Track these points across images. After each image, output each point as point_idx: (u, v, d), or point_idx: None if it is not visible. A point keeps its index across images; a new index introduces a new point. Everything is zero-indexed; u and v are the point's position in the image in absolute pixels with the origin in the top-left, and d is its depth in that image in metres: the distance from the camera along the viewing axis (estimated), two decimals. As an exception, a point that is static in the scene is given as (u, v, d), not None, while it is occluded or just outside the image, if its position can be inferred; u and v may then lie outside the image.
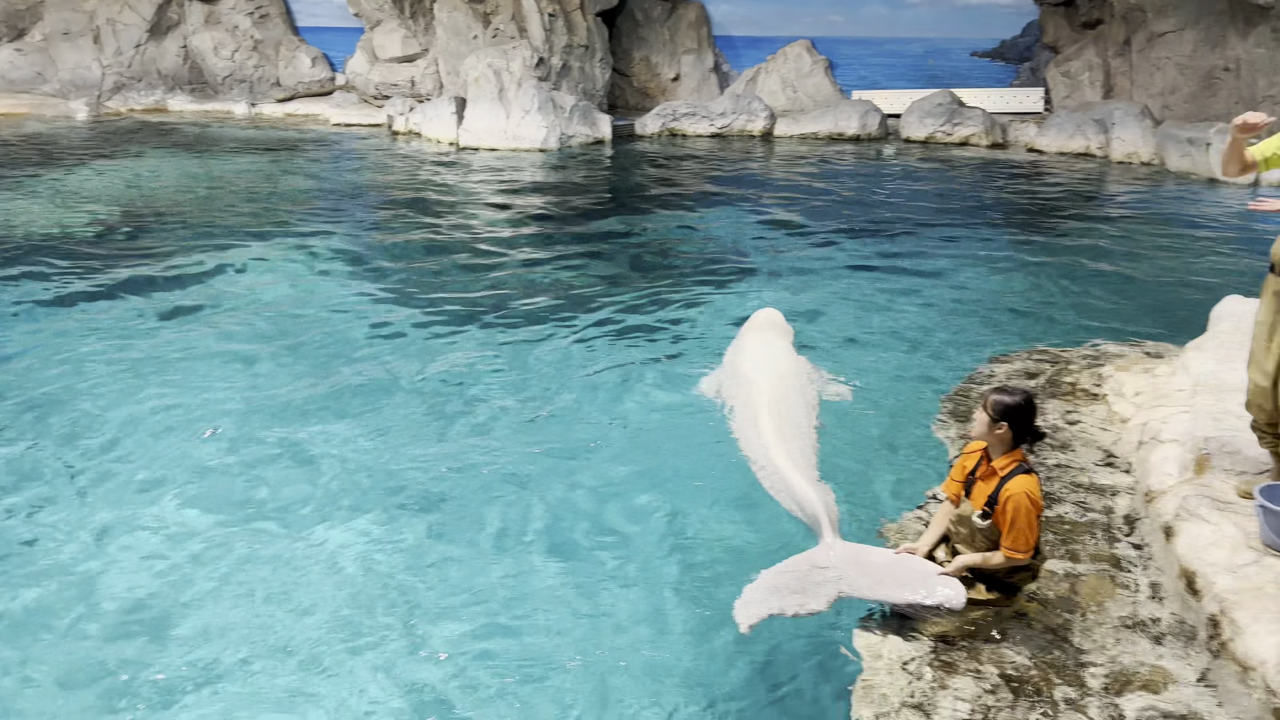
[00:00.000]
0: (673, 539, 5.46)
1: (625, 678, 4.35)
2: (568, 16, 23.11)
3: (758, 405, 6.22)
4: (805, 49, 25.57)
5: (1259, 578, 4.14)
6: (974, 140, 22.31)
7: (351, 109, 26.21)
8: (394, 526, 5.58)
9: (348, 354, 8.31)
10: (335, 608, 4.81)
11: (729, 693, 4.28)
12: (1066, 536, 5.03)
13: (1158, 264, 11.93)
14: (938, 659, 4.06)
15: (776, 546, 5.20)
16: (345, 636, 4.60)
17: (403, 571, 5.15)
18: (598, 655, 4.49)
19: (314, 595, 4.91)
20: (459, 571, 5.16)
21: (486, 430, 6.84)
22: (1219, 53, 20.67)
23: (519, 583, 5.06)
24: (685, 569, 5.17)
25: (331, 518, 5.66)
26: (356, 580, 5.05)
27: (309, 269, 11.15)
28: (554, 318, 9.37)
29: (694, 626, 4.70)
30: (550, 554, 5.33)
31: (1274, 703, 3.51)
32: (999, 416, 4.14)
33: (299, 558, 5.24)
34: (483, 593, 4.97)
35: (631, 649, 4.53)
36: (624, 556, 5.30)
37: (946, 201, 15.92)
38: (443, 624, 4.71)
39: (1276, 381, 4.54)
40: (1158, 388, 6.51)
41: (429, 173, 18.20)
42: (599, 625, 4.71)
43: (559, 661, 4.45)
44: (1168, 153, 19.14)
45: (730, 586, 4.88)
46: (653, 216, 14.56)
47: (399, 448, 6.53)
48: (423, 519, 5.66)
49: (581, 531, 5.56)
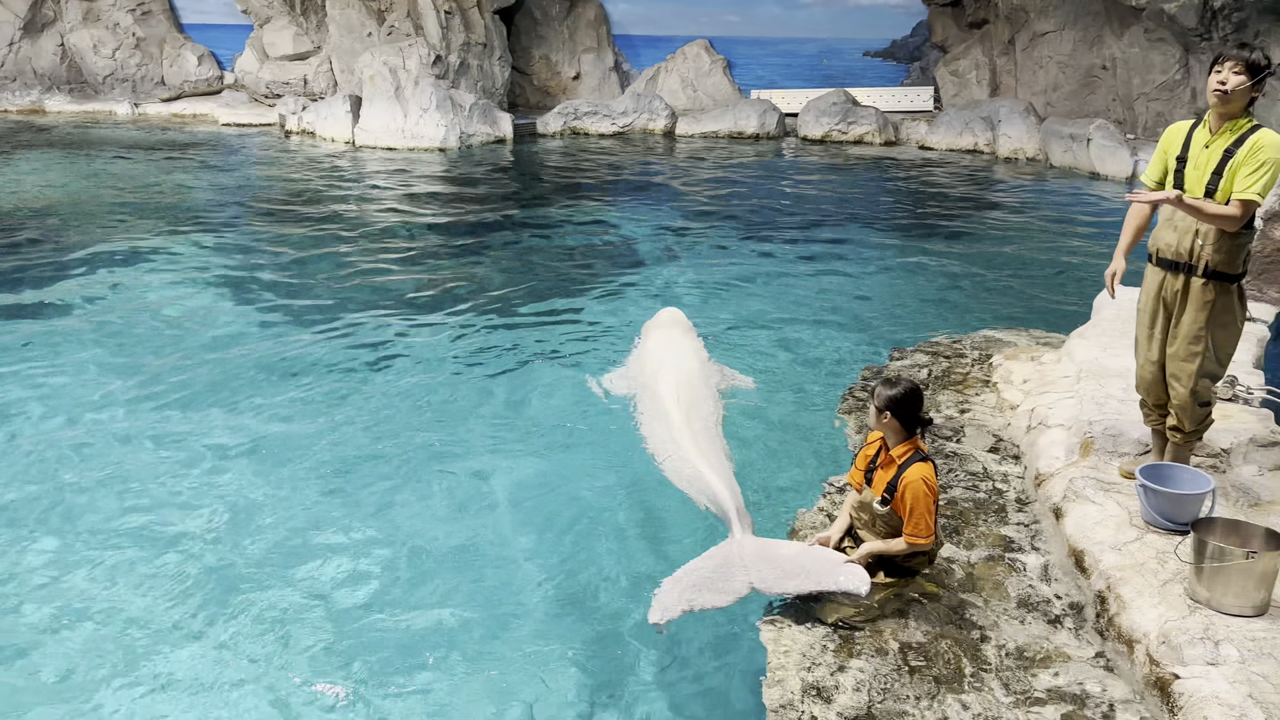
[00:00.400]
0: (579, 538, 5.44)
1: (532, 677, 4.32)
2: (465, 14, 22.85)
3: (667, 402, 6.27)
4: (704, 48, 25.80)
5: (1142, 554, 4.34)
6: (868, 138, 22.82)
7: (241, 108, 25.44)
8: (282, 536, 5.43)
9: (237, 358, 8.06)
10: (219, 606, 4.67)
11: (638, 690, 4.28)
12: (962, 520, 5.19)
13: (1044, 256, 12.39)
14: (841, 644, 4.15)
15: (688, 543, 5.24)
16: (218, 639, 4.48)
17: (293, 582, 5.02)
18: (503, 655, 4.45)
19: (201, 596, 4.75)
20: (357, 577, 5.05)
21: (383, 433, 6.71)
22: (1096, 52, 21.57)
23: (417, 583, 4.99)
24: (594, 568, 5.17)
25: (220, 513, 5.50)
26: (244, 589, 4.91)
27: (197, 272, 10.79)
28: (454, 319, 9.25)
29: (604, 625, 4.70)
30: (452, 557, 5.26)
31: (1157, 673, 3.68)
32: (884, 408, 4.29)
33: (184, 562, 5.07)
34: (381, 593, 4.88)
35: (539, 649, 4.50)
36: (530, 556, 5.26)
37: (844, 199, 16.25)
38: (335, 625, 4.61)
39: (1163, 365, 4.76)
40: (1044, 375, 6.76)
41: (324, 173, 17.79)
42: (504, 625, 4.67)
43: (465, 663, 4.39)
44: (1051, 148, 19.88)
45: (641, 584, 4.90)
46: (556, 215, 14.51)
47: (286, 456, 6.35)
48: (318, 526, 5.53)
49: (484, 533, 5.50)
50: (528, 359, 8.18)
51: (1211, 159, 4.41)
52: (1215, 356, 4.62)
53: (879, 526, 4.42)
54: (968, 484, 5.62)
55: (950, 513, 5.24)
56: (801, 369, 7.99)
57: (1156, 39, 19.92)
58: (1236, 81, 4.32)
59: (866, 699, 3.82)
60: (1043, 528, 5.09)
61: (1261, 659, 3.57)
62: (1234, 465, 5.21)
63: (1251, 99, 4.39)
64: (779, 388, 7.48)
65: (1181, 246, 4.54)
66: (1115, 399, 5.77)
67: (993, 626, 4.29)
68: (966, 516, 5.24)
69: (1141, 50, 20.31)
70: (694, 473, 5.43)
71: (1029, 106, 21.54)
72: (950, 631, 4.23)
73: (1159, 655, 3.71)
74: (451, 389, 7.51)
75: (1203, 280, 4.50)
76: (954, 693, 3.87)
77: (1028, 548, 4.94)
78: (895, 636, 4.19)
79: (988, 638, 4.21)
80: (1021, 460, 5.89)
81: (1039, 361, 7.19)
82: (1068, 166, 19.20)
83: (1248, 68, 4.31)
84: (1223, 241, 4.42)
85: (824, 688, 3.88)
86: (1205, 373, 4.62)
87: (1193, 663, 3.60)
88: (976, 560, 4.81)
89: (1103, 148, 18.50)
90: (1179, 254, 4.56)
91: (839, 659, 4.05)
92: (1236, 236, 4.42)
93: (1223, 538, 3.98)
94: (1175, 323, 4.66)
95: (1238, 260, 4.48)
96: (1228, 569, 3.80)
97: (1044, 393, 6.29)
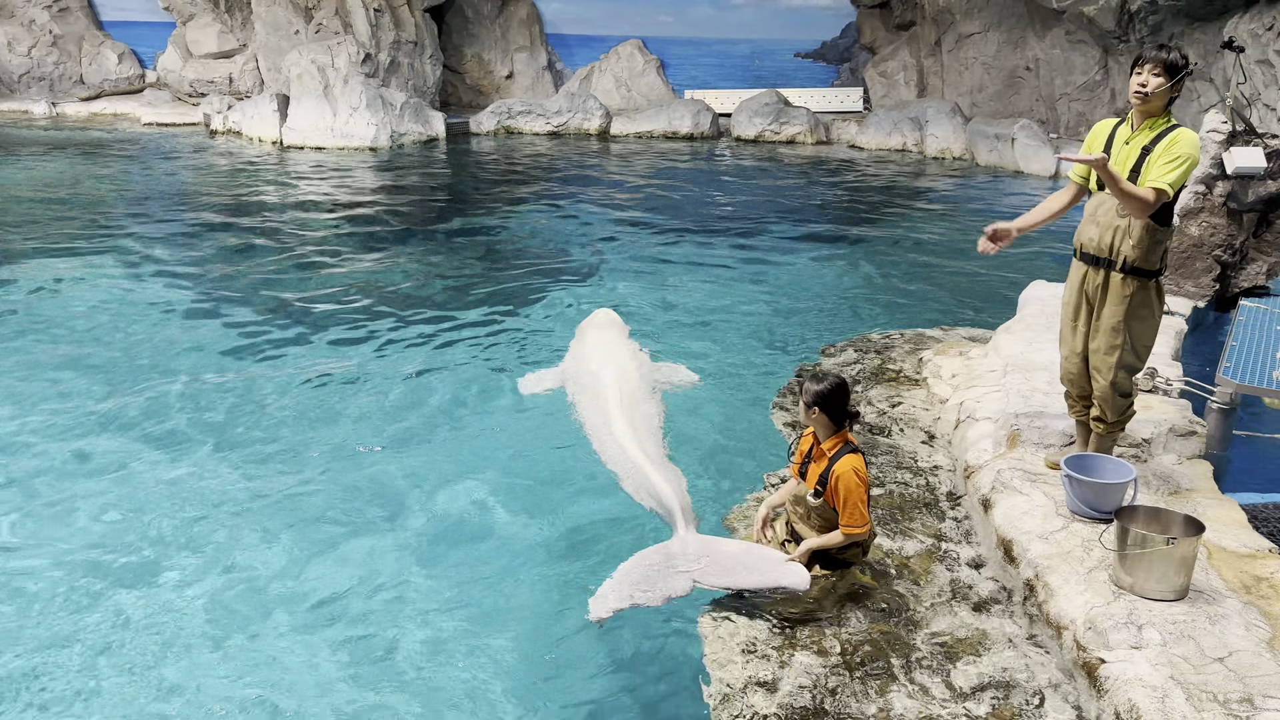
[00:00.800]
0: (520, 540, 5.41)
1: (472, 680, 4.29)
2: (394, 12, 22.57)
3: (609, 402, 6.27)
4: (637, 48, 25.84)
5: (1067, 543, 4.45)
6: (800, 138, 23.06)
7: (165, 107, 24.82)
8: (216, 547, 5.31)
9: (162, 367, 7.86)
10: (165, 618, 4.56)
11: (580, 688, 4.28)
12: (895, 513, 5.28)
13: (972, 253, 12.61)
14: (781, 638, 4.18)
15: (630, 541, 5.24)
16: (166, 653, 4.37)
17: (235, 591, 4.92)
18: (444, 660, 4.41)
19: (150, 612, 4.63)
20: (298, 580, 4.96)
21: (317, 441, 6.60)
22: (1020, 53, 22.09)
23: (361, 589, 4.92)
24: (535, 568, 5.14)
25: (123, 519, 5.36)
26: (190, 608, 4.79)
27: (120, 278, 10.49)
28: (384, 322, 9.13)
29: (545, 623, 4.68)
30: (395, 560, 5.19)
31: (1084, 657, 3.77)
32: (812, 403, 4.37)
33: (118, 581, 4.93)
34: (321, 599, 4.80)
35: (479, 650, 4.47)
36: (472, 559, 5.22)
37: (778, 198, 16.41)
38: (281, 628, 4.52)
39: (1086, 357, 4.90)
40: (972, 369, 6.90)
41: (251, 173, 17.44)
42: (445, 629, 4.62)
43: (412, 668, 4.34)
44: (977, 148, 20.30)
45: (583, 582, 4.88)
46: (490, 215, 14.41)
47: (219, 463, 6.21)
48: (256, 536, 5.42)
49: (423, 537, 5.44)
50: (461, 361, 8.11)
51: (1131, 155, 4.55)
52: (1134, 349, 4.76)
53: (814, 519, 4.49)
54: (900, 478, 5.71)
55: (884, 506, 5.32)
56: (737, 366, 8.04)
57: (1077, 41, 20.48)
58: (1156, 83, 4.46)
59: (808, 692, 3.86)
60: (973, 519, 5.19)
61: (1182, 641, 3.68)
62: (1155, 454, 5.37)
63: (1171, 98, 4.54)
64: (715, 385, 7.52)
65: (1103, 242, 4.68)
66: (1040, 392, 5.91)
67: (926, 617, 4.37)
68: (900, 509, 5.32)
69: (1063, 52, 20.86)
70: (638, 472, 5.44)
71: (955, 107, 21.98)
72: (886, 624, 4.29)
73: (1085, 640, 3.81)
74: (381, 394, 7.41)
75: (1122, 275, 4.64)
76: (891, 683, 3.93)
77: (959, 539, 5.04)
78: (833, 630, 4.24)
79: (922, 628, 4.29)
80: (951, 453, 6.00)
81: (967, 356, 7.34)
82: (993, 165, 19.62)
83: (1166, 69, 4.46)
84: (1142, 238, 4.56)
85: (765, 681, 3.92)
86: (1125, 365, 4.76)
87: (1117, 647, 3.70)
88: (910, 552, 4.89)
89: (1026, 147, 18.95)
90: (1100, 249, 4.70)
91: (780, 653, 4.09)
92: (1155, 233, 4.56)
93: (1144, 525, 4.10)
94: (1096, 316, 4.80)
95: (1156, 256, 4.62)
96: (1149, 555, 3.91)
97: (972, 387, 6.42)
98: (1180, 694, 3.39)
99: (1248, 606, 3.91)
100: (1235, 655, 3.59)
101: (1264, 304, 7.78)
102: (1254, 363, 6.15)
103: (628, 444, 5.73)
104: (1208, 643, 3.67)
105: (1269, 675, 3.47)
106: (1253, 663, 3.55)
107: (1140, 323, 4.71)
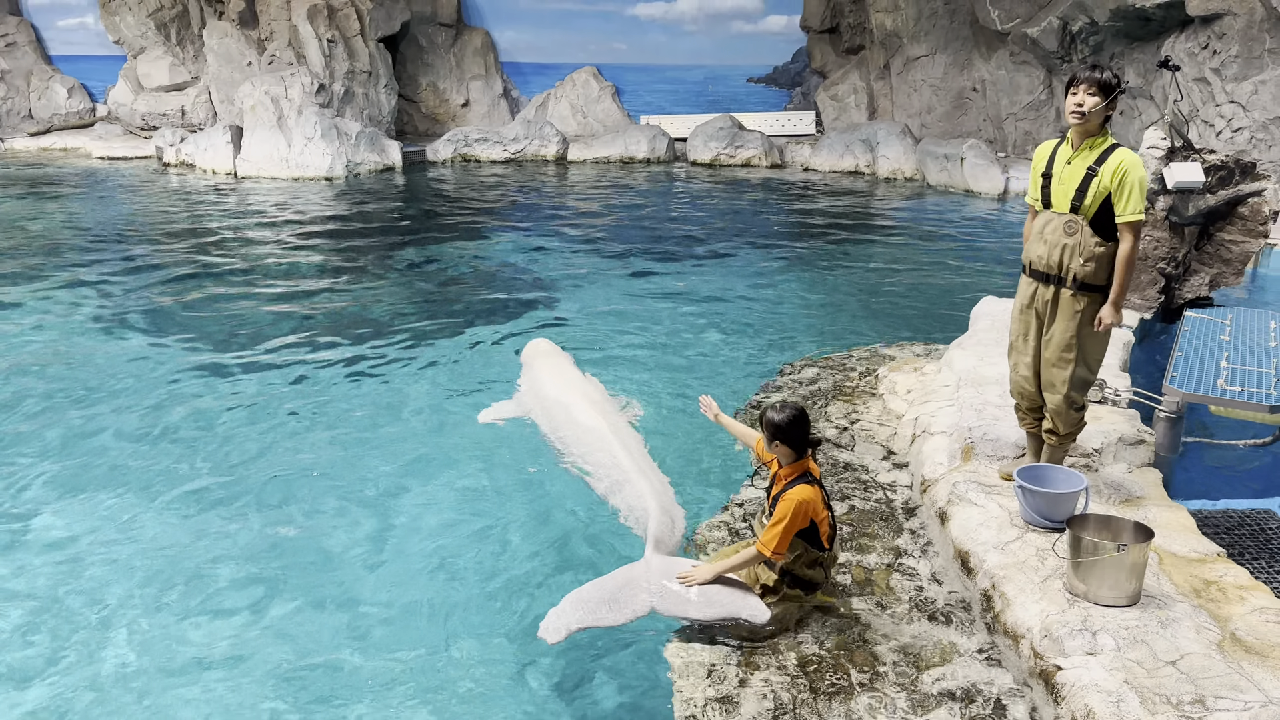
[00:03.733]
0: (479, 568, 5.39)
1: (427, 693, 4.26)
2: (348, 42, 22.55)
3: (597, 429, 6.27)
4: (592, 75, 26.02)
5: (1022, 553, 4.52)
6: (755, 161, 23.30)
7: (116, 141, 24.55)
8: (161, 593, 5.25)
9: (113, 401, 7.75)
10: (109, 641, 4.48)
11: (540, 711, 4.26)
12: (856, 527, 5.33)
13: (924, 271, 12.84)
14: (742, 656, 4.21)
15: (586, 568, 5.24)
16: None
17: (171, 629, 4.85)
18: (405, 681, 4.37)
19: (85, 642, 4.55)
20: (250, 614, 4.91)
21: (271, 472, 6.54)
22: (967, 75, 22.54)
23: (309, 619, 4.87)
24: (493, 596, 5.12)
25: (85, 549, 5.27)
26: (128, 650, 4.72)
27: (73, 313, 10.34)
28: (340, 353, 9.06)
29: (504, 646, 4.66)
30: (347, 594, 5.15)
31: (1041, 665, 3.84)
32: (772, 436, 4.40)
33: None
34: (270, 626, 4.75)
35: (439, 675, 4.44)
36: (433, 590, 5.19)
37: (734, 221, 16.55)
38: (237, 660, 4.47)
39: (1037, 371, 5.00)
40: (926, 385, 7.01)
41: (205, 205, 17.29)
42: (408, 655, 4.59)
43: (364, 690, 4.30)
44: (928, 168, 20.63)
45: (543, 607, 4.87)
46: (448, 244, 14.40)
47: (167, 504, 6.12)
48: (208, 575, 5.35)
49: (382, 567, 5.40)
50: (420, 393, 8.07)
51: (1075, 175, 4.67)
52: (1086, 363, 4.87)
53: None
54: (860, 492, 5.77)
55: (845, 520, 5.38)
56: (697, 386, 8.09)
57: (1021, 62, 20.93)
58: (1092, 102, 4.58)
59: (770, 710, 3.88)
60: (930, 531, 5.26)
61: (1135, 645, 3.76)
62: (1105, 464, 5.48)
63: (1107, 116, 4.66)
64: (675, 407, 7.56)
65: (1051, 259, 4.78)
66: (993, 405, 6.02)
67: (887, 630, 4.41)
68: (861, 523, 5.38)
69: (1008, 73, 21.31)
70: (634, 491, 5.44)
71: (905, 128, 22.34)
72: (847, 639, 4.33)
73: (1042, 648, 3.88)
74: (338, 427, 7.36)
75: (1072, 291, 4.75)
76: (852, 699, 3.96)
77: (917, 551, 5.11)
78: (794, 647, 4.27)
79: (882, 641, 4.33)
80: (908, 467, 6.08)
81: (921, 372, 7.45)
82: (943, 185, 19.94)
83: (1100, 88, 4.58)
84: (1090, 254, 4.66)
85: (728, 698, 3.94)
86: (1077, 378, 4.87)
87: (1073, 653, 3.77)
88: (871, 565, 4.95)
89: (975, 166, 19.30)
90: (1049, 266, 4.79)
91: (741, 670, 4.11)
92: (1103, 248, 4.67)
93: (1096, 533, 4.19)
94: (1047, 331, 4.90)
95: (1104, 272, 4.72)
96: (1102, 563, 3.99)
97: (926, 402, 6.52)
98: (1135, 698, 3.45)
99: (1198, 610, 4.00)
100: (1187, 658, 3.67)
101: (1208, 314, 7.98)
102: (1199, 372, 6.31)
103: (626, 465, 5.74)
104: (1160, 646, 3.75)
105: (1220, 676, 3.55)
106: (1204, 664, 3.63)
107: (1091, 337, 4.82)
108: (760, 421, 4.49)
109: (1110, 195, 4.58)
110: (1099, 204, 4.61)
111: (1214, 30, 15.80)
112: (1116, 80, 4.62)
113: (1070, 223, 4.69)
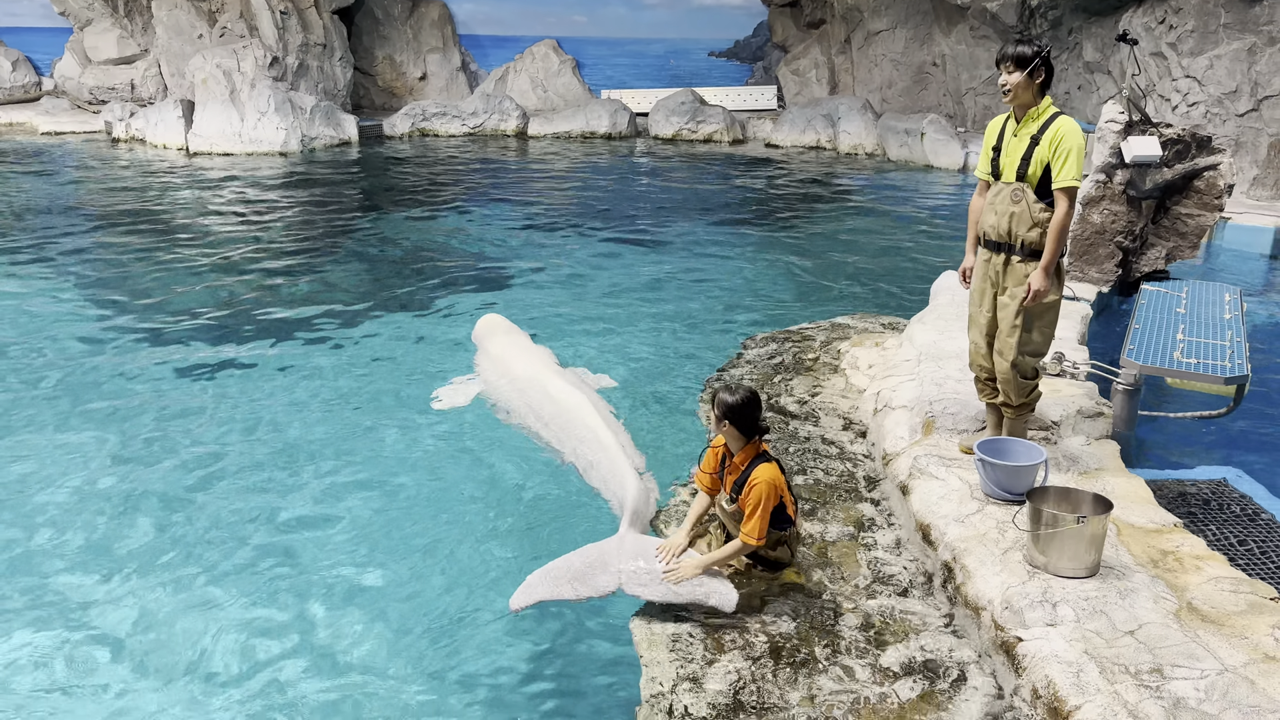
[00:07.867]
0: (441, 554, 5.32)
1: (389, 671, 4.20)
2: (302, 14, 22.12)
3: (573, 404, 6.24)
4: (552, 48, 25.75)
5: (983, 525, 4.53)
6: (716, 137, 23.23)
7: (63, 116, 23.95)
8: (104, 579, 5.13)
9: (63, 378, 7.56)
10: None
11: (507, 689, 4.21)
12: (818, 502, 5.32)
13: (885, 245, 12.87)
14: (709, 637, 4.18)
15: (556, 546, 5.18)
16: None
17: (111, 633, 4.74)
18: (369, 663, 4.31)
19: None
20: (226, 608, 4.81)
21: (226, 460, 6.41)
22: (927, 49, 22.58)
23: (270, 607, 4.78)
24: (462, 558, 5.06)
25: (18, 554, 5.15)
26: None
27: (17, 293, 10.07)
28: (293, 331, 8.90)
29: (475, 628, 4.60)
30: (306, 584, 5.06)
31: (1001, 636, 3.85)
32: (722, 416, 4.36)
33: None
34: (233, 617, 4.66)
35: (407, 657, 4.38)
36: (406, 571, 5.11)
37: (697, 196, 16.49)
38: (213, 655, 4.38)
39: (992, 340, 5.02)
40: (887, 359, 7.01)
41: (156, 182, 16.91)
42: (380, 640, 4.52)
43: (341, 681, 4.23)
44: (888, 143, 20.68)
45: (513, 574, 4.82)
46: (404, 219, 14.20)
47: (111, 488, 5.98)
48: (159, 562, 5.24)
49: (350, 552, 5.32)
50: (376, 370, 7.95)
51: (1019, 146, 4.78)
52: (1033, 331, 4.90)
53: (733, 525, 4.50)
54: (823, 465, 5.77)
55: (807, 494, 5.36)
56: (659, 362, 8.05)
57: (981, 36, 20.99)
58: (1015, 79, 4.67)
59: (735, 685, 3.86)
60: (892, 504, 5.26)
61: (1094, 616, 3.78)
62: (1064, 436, 5.51)
63: (1042, 87, 4.70)
64: (638, 382, 7.51)
65: (1001, 228, 4.83)
66: (953, 379, 6.03)
67: (850, 604, 4.41)
68: (823, 497, 5.37)
69: (968, 47, 21.37)
70: (613, 468, 5.43)
71: (866, 103, 22.36)
72: (811, 615, 4.32)
73: (1003, 620, 3.88)
74: (292, 406, 7.22)
75: (1020, 258, 4.80)
76: (817, 673, 3.95)
77: (880, 524, 5.11)
78: (760, 626, 4.25)
79: (845, 615, 4.33)
80: (870, 441, 6.08)
81: (882, 346, 7.45)
82: (904, 160, 20.01)
83: (1016, 63, 4.64)
84: (1036, 221, 4.71)
85: (694, 677, 3.91)
86: (1026, 346, 4.90)
87: (1034, 625, 3.78)
88: (833, 538, 4.94)
89: (935, 141, 19.37)
90: (1000, 235, 4.85)
91: (707, 648, 4.09)
92: (1048, 214, 4.72)
93: (1055, 505, 4.20)
94: (998, 299, 4.93)
95: (1052, 239, 4.76)
96: (1061, 534, 4.01)
97: (888, 376, 6.52)
98: (1094, 668, 3.47)
99: (1155, 580, 4.03)
100: (1145, 628, 3.70)
101: (1164, 288, 8.06)
102: (1156, 345, 6.36)
103: (605, 440, 5.75)
104: (1119, 617, 3.77)
105: (1177, 645, 3.58)
106: (1161, 634, 3.65)
107: (1039, 306, 4.84)
108: (712, 400, 4.44)
109: (1049, 163, 4.63)
110: (1041, 171, 4.68)
111: (1170, 5, 15.92)
112: (1034, 51, 4.65)
113: (1016, 190, 4.78)
